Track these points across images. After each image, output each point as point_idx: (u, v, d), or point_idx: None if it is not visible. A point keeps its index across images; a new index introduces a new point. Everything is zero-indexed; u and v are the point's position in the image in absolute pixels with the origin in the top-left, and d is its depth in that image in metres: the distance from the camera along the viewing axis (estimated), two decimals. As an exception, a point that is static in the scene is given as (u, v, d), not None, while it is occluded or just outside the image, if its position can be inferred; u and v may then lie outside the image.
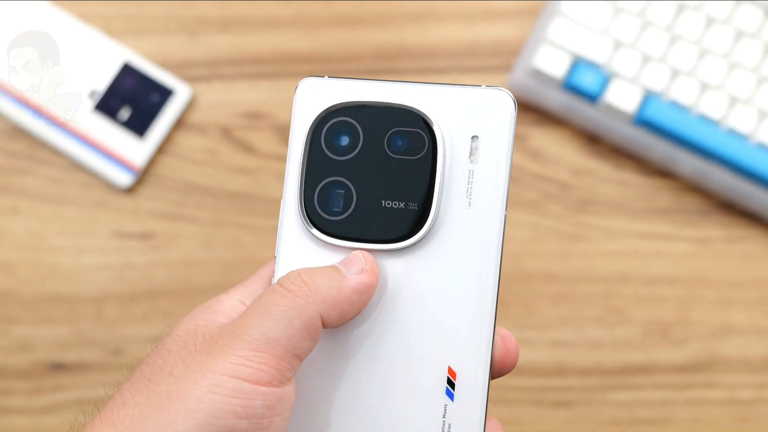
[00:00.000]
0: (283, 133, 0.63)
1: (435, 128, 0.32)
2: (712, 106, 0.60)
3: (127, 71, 0.62)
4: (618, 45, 0.61)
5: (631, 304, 0.61)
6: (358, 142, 0.33)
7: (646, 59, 0.61)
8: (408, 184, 0.32)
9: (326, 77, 0.34)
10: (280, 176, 0.39)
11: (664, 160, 0.61)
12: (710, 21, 0.61)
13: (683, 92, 0.60)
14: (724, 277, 0.61)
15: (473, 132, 0.33)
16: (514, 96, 0.65)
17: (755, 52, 0.61)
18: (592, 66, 0.61)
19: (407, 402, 0.33)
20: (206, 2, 0.64)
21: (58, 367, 0.60)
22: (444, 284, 0.32)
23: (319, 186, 0.33)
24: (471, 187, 0.32)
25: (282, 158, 0.62)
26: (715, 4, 0.61)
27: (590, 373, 0.60)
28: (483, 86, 0.33)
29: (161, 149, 0.62)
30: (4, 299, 0.61)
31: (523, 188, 0.62)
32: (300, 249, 0.33)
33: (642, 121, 0.60)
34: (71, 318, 0.60)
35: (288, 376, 0.29)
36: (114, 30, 0.63)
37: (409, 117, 0.33)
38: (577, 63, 0.61)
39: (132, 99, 0.62)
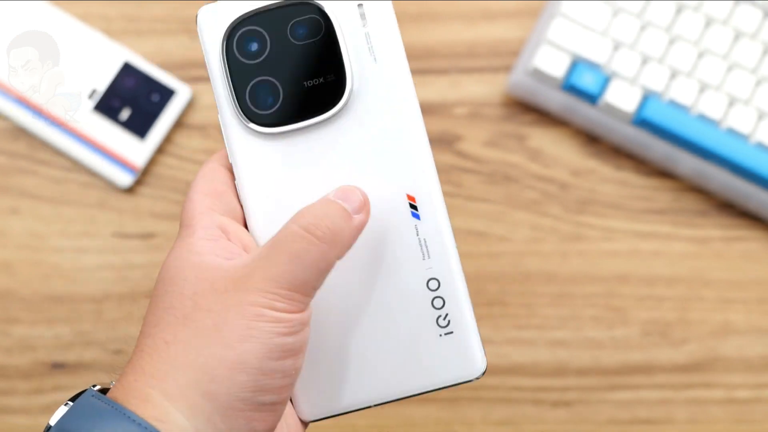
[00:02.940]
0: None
1: (325, 8, 0.37)
2: (711, 107, 0.60)
3: (128, 71, 0.62)
4: (617, 45, 0.61)
5: (631, 304, 0.61)
6: (267, 43, 0.37)
7: (645, 59, 0.61)
8: (320, 61, 0.37)
9: (217, 1, 0.38)
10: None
11: (664, 160, 0.61)
12: (709, 21, 0.61)
13: (682, 92, 0.60)
14: (724, 277, 0.62)
15: (357, 0, 0.37)
16: (514, 96, 0.65)
17: (754, 52, 0.61)
18: (592, 66, 0.61)
19: (384, 234, 0.37)
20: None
21: (58, 367, 0.60)
22: (379, 129, 0.37)
23: (248, 90, 0.37)
24: (371, 46, 0.37)
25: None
26: (715, 4, 0.61)
27: (590, 373, 0.61)
28: None
29: (161, 149, 0.62)
30: (4, 299, 0.61)
31: (523, 188, 0.62)
32: (251, 149, 0.37)
33: (641, 122, 0.60)
34: (72, 318, 0.60)
35: (308, 303, 0.34)
36: (114, 30, 0.64)
37: (302, 8, 0.37)
38: (577, 63, 0.61)
39: (132, 99, 0.62)
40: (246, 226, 0.38)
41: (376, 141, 0.37)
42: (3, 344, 0.60)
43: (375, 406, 0.38)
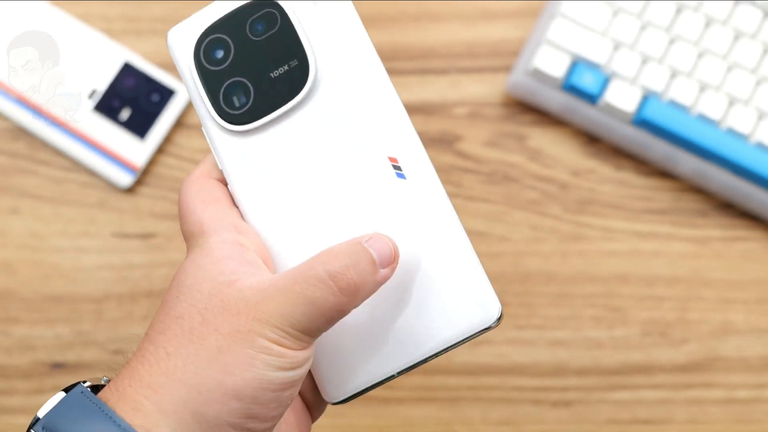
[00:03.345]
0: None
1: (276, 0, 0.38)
2: (711, 107, 0.60)
3: (128, 71, 0.62)
4: (617, 45, 0.61)
5: (631, 304, 0.61)
6: (230, 47, 0.39)
7: (645, 59, 0.61)
8: (282, 50, 0.38)
9: (183, 21, 0.40)
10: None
11: (664, 160, 0.61)
12: (709, 21, 0.61)
13: (682, 92, 0.60)
14: (724, 277, 0.62)
15: None
16: (514, 96, 0.65)
17: (754, 52, 0.61)
18: (592, 66, 0.61)
19: (377, 205, 0.37)
20: (206, 2, 0.64)
21: (58, 367, 0.60)
22: (351, 103, 0.38)
23: (221, 94, 0.38)
24: (329, 27, 0.38)
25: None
26: (714, 4, 0.61)
27: (589, 373, 0.61)
28: None
29: (161, 149, 0.62)
30: (4, 299, 0.61)
31: (523, 188, 0.62)
32: (237, 150, 0.38)
33: (641, 122, 0.60)
34: (72, 318, 0.60)
35: (312, 342, 0.34)
36: (114, 30, 0.64)
37: (256, 6, 0.38)
38: (577, 63, 0.61)
39: (132, 99, 0.62)
40: None
41: (351, 113, 0.38)
42: (3, 344, 0.60)
43: (398, 374, 0.38)
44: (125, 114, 0.62)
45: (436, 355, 0.37)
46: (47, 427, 0.32)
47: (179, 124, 0.63)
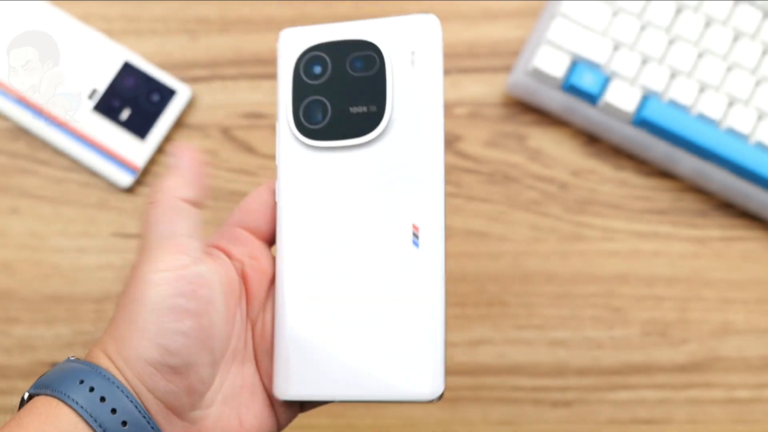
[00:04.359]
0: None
1: (382, 49, 0.42)
2: (711, 107, 0.60)
3: (127, 71, 0.62)
4: (617, 45, 0.61)
5: (631, 304, 0.61)
6: (328, 69, 0.43)
7: (645, 59, 0.61)
8: (368, 93, 0.42)
9: (298, 26, 0.44)
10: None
11: (664, 160, 0.61)
12: (709, 21, 0.61)
13: (682, 92, 0.60)
14: (724, 277, 0.62)
15: (411, 48, 0.42)
16: (514, 96, 0.65)
17: (754, 52, 0.61)
18: (592, 66, 0.61)
19: (385, 251, 0.41)
20: (206, 2, 0.64)
21: (58, 367, 0.60)
22: (403, 160, 0.41)
23: (303, 105, 0.43)
24: (413, 88, 0.42)
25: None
26: (714, 4, 0.61)
27: (589, 373, 0.61)
28: (414, 14, 0.43)
29: (161, 149, 0.62)
30: (4, 299, 0.61)
31: (523, 188, 0.62)
32: (294, 156, 0.43)
33: (641, 122, 0.60)
34: (72, 318, 0.60)
35: (198, 257, 0.40)
36: (114, 30, 0.64)
37: (364, 45, 0.42)
38: (577, 63, 0.61)
39: (132, 99, 0.62)
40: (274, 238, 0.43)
41: (398, 170, 0.41)
42: (3, 344, 0.60)
43: (340, 401, 0.41)
44: (125, 114, 0.62)
45: (374, 401, 0.41)
46: (38, 384, 0.38)
47: (179, 124, 0.63)
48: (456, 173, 0.62)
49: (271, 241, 0.44)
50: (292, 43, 0.43)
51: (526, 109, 0.63)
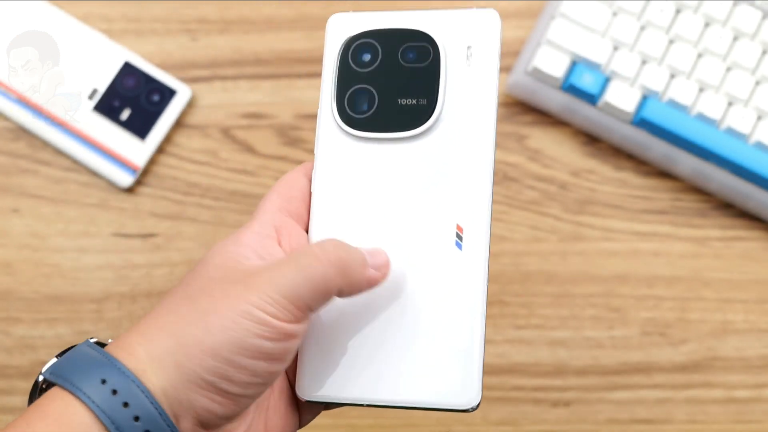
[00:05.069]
0: (283, 133, 0.63)
1: (438, 42, 0.40)
2: (710, 107, 0.60)
3: (128, 71, 0.62)
4: (617, 45, 0.61)
5: (630, 304, 0.61)
6: (378, 57, 0.40)
7: (645, 60, 0.61)
8: (419, 85, 0.40)
9: (350, 12, 0.42)
10: (281, 176, 0.42)
11: (663, 160, 0.61)
12: (709, 22, 0.61)
13: (682, 93, 0.60)
14: (723, 277, 0.62)
15: (468, 43, 0.40)
16: (513, 96, 0.65)
17: (753, 52, 0.61)
18: (592, 66, 0.61)
19: (426, 251, 0.39)
20: (206, 2, 0.65)
21: (58, 367, 0.60)
22: (451, 158, 0.39)
23: (348, 92, 0.40)
24: (467, 83, 0.40)
25: (282, 158, 0.62)
26: (714, 4, 0.61)
27: (589, 373, 0.61)
28: (474, 8, 0.41)
29: (161, 149, 0.62)
30: (5, 299, 0.61)
31: (523, 188, 0.62)
32: (334, 145, 0.40)
33: (641, 122, 0.60)
34: (72, 318, 0.61)
35: (300, 319, 0.36)
36: (114, 30, 0.64)
37: (418, 35, 0.40)
38: (577, 63, 0.61)
39: (132, 99, 0.62)
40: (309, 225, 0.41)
41: (446, 168, 0.39)
42: (3, 344, 0.60)
43: (371, 405, 0.39)
44: (125, 114, 0.62)
45: (407, 408, 0.39)
46: (54, 372, 0.35)
47: (179, 124, 0.63)
48: (456, 173, 0.62)
49: (307, 230, 0.41)
50: (342, 29, 0.41)
51: (525, 109, 0.63)
